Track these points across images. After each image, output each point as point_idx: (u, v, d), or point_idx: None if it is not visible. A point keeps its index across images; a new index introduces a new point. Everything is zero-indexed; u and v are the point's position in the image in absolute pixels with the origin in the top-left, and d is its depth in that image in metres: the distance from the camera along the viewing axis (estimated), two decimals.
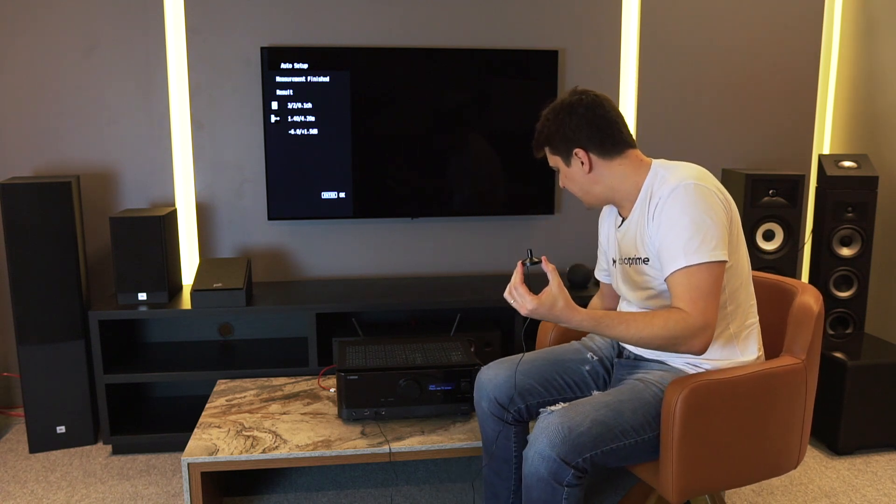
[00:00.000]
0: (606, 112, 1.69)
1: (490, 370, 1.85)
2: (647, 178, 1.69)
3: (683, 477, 1.60)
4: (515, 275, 1.57)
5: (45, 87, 2.75)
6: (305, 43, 2.84)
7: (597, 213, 3.10)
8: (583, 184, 1.74)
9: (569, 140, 1.70)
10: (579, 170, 1.72)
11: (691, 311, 1.53)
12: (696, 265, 1.54)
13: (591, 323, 1.56)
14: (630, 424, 1.59)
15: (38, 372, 2.54)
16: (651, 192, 1.66)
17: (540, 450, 1.52)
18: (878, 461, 2.52)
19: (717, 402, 1.60)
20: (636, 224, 1.70)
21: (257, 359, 2.69)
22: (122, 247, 2.56)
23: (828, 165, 2.76)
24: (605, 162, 1.70)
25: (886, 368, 2.49)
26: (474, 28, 2.92)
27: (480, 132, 2.89)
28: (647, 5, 2.99)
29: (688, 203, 1.56)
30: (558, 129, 1.71)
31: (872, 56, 2.97)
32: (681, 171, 1.63)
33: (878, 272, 2.96)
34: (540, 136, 1.77)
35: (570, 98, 1.71)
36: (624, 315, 1.58)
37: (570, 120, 1.69)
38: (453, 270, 3.08)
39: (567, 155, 1.72)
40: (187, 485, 1.95)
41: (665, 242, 1.59)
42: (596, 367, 1.87)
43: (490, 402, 1.82)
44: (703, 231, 1.55)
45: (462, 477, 2.42)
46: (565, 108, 1.70)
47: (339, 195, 2.85)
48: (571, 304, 1.55)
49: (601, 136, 1.68)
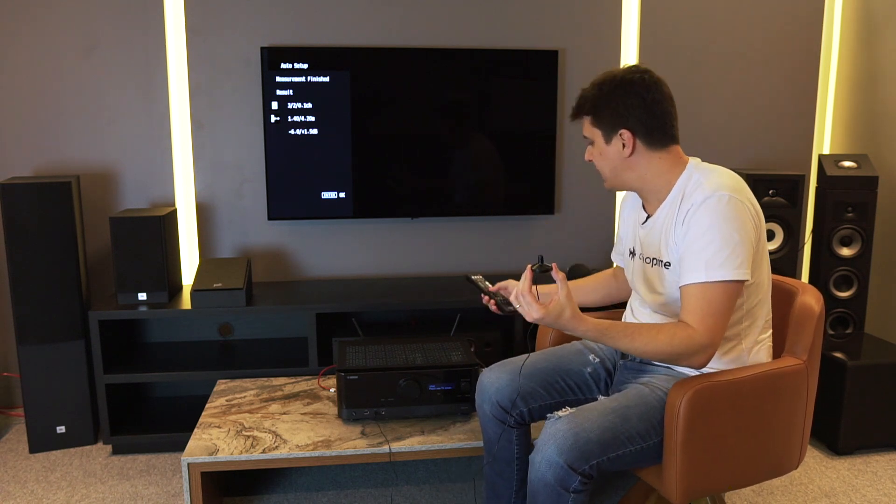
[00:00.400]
0: (664, 99, 1.61)
1: (492, 373, 1.84)
2: (680, 177, 1.63)
3: (687, 479, 1.60)
4: (523, 280, 1.53)
5: (45, 87, 2.75)
6: (305, 43, 2.84)
7: (598, 211, 3.10)
8: (616, 166, 1.67)
9: (618, 117, 1.62)
10: (618, 151, 1.64)
11: (698, 328, 1.52)
12: (715, 282, 1.51)
13: (596, 334, 1.54)
14: (636, 430, 1.58)
15: (38, 372, 2.54)
16: (683, 195, 1.60)
17: (548, 456, 1.51)
18: (878, 461, 2.52)
19: (721, 403, 1.60)
20: (662, 224, 1.65)
21: (257, 359, 2.69)
22: (122, 247, 2.56)
23: (828, 165, 2.76)
24: (647, 151, 1.63)
25: (886, 368, 2.49)
26: (474, 28, 2.92)
27: (480, 132, 2.89)
28: (647, 5, 2.99)
29: (720, 215, 1.52)
30: (609, 103, 1.62)
31: (872, 56, 2.97)
32: (717, 177, 1.58)
33: (878, 272, 2.96)
34: (585, 104, 1.67)
35: (631, 74, 1.61)
36: (629, 327, 1.56)
37: (626, 97, 1.60)
38: (453, 270, 3.08)
39: (610, 132, 1.64)
40: (187, 485, 1.95)
41: (689, 251, 1.55)
42: (598, 369, 1.86)
43: (492, 405, 1.81)
44: (731, 247, 1.51)
45: (462, 477, 2.42)
46: (624, 83, 1.61)
47: (339, 195, 2.85)
48: (578, 314, 1.52)
49: (653, 124, 1.61)
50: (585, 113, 1.68)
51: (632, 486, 2.19)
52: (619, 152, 1.64)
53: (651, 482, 1.68)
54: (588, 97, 1.66)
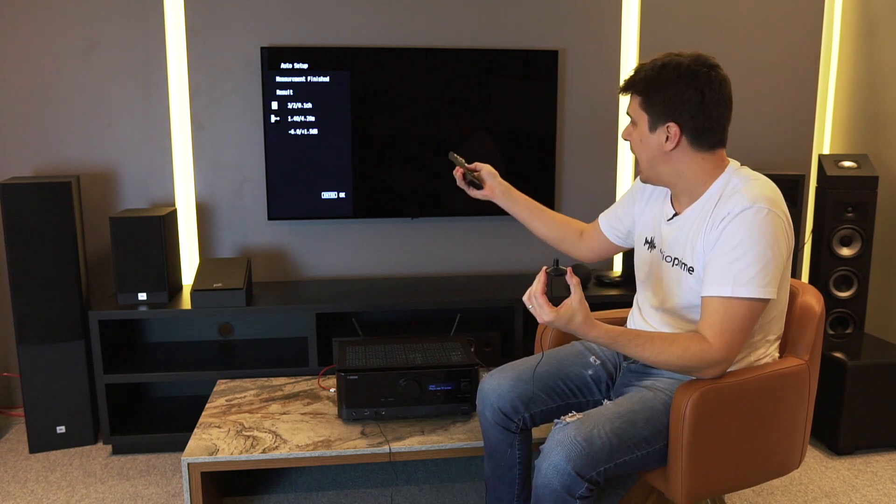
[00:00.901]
0: (724, 101, 1.53)
1: (493, 379, 1.81)
2: (717, 180, 1.57)
3: (692, 481, 1.59)
4: (537, 282, 1.50)
5: (45, 87, 2.75)
6: (305, 43, 2.84)
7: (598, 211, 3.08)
8: (654, 156, 1.60)
9: (671, 108, 1.53)
10: (660, 142, 1.57)
11: (714, 343, 1.49)
12: (740, 298, 1.47)
13: (608, 340, 1.51)
14: (642, 435, 1.57)
15: (38, 372, 2.54)
16: (718, 199, 1.54)
17: (556, 462, 1.49)
18: (878, 461, 2.52)
19: (726, 405, 1.59)
20: (691, 226, 1.59)
21: (257, 359, 2.69)
22: (122, 247, 2.56)
23: (828, 165, 2.76)
24: (690, 150, 1.56)
25: (886, 368, 2.49)
26: (474, 28, 2.92)
27: (480, 132, 2.89)
28: (647, 5, 2.99)
29: (756, 229, 1.46)
30: (667, 90, 1.52)
31: (872, 56, 2.97)
32: (757, 187, 1.51)
33: (878, 272, 2.96)
34: (639, 82, 1.57)
35: (698, 66, 1.52)
36: (641, 335, 1.53)
37: (686, 89, 1.51)
38: (453, 270, 3.08)
39: (658, 120, 1.56)
40: (187, 485, 1.95)
41: (717, 261, 1.50)
42: (598, 371, 1.84)
43: (494, 411, 1.78)
44: (762, 264, 1.46)
45: (462, 477, 2.42)
46: (689, 73, 1.51)
47: (339, 195, 2.85)
48: (590, 319, 1.49)
49: (705, 124, 1.53)
50: (637, 92, 1.58)
51: (631, 487, 2.19)
52: (660, 144, 1.57)
53: (656, 484, 1.68)
54: (645, 77, 1.56)
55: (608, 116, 3.04)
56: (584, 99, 3.01)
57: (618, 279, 2.89)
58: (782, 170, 3.04)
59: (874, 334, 2.91)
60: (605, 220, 1.94)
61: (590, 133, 3.04)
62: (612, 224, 1.92)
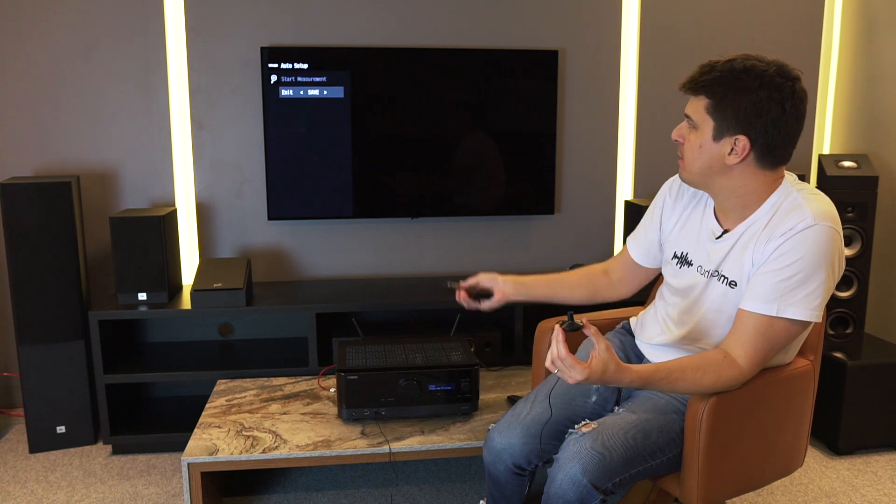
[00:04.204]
0: (800, 118, 1.43)
1: (502, 437, 1.67)
2: (774, 193, 1.46)
3: (708, 486, 1.58)
4: (557, 344, 1.37)
5: (45, 87, 2.75)
6: (305, 43, 2.84)
7: (598, 211, 3.10)
8: (710, 165, 1.46)
9: (745, 119, 1.40)
10: (722, 153, 1.44)
11: (745, 366, 1.44)
12: (784, 318, 1.41)
13: (641, 383, 1.43)
14: (657, 444, 1.55)
15: (38, 372, 2.54)
16: (776, 213, 1.44)
17: (571, 474, 1.46)
18: (878, 461, 2.52)
19: (741, 408, 1.58)
20: (744, 241, 1.48)
21: (257, 359, 2.69)
22: (122, 247, 2.55)
23: (828, 165, 2.76)
24: (755, 167, 1.44)
25: (886, 368, 2.49)
26: (474, 28, 2.92)
27: (480, 132, 2.89)
28: (646, 5, 2.99)
29: (818, 249, 1.38)
30: (743, 100, 1.39)
31: (872, 56, 2.97)
32: (820, 204, 1.42)
33: (878, 272, 2.96)
34: (713, 84, 1.42)
35: (780, 78, 1.41)
36: (673, 372, 1.43)
37: (767, 101, 1.39)
38: (453, 270, 3.07)
39: (726, 130, 1.42)
40: (187, 485, 1.95)
41: (768, 278, 1.41)
42: (602, 392, 1.75)
43: (507, 467, 1.68)
44: (815, 285, 1.39)
45: (462, 477, 2.42)
46: (771, 84, 1.39)
47: (339, 195, 2.85)
48: (621, 365, 1.39)
49: (778, 142, 1.42)
50: (708, 95, 1.43)
51: (631, 486, 2.19)
52: (723, 156, 1.44)
53: (670, 490, 1.66)
54: (720, 78, 1.41)
55: (608, 116, 3.04)
56: (584, 99, 3.01)
57: None
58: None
59: (874, 334, 2.91)
60: (637, 247, 1.78)
61: (590, 133, 3.04)
62: (644, 249, 1.77)
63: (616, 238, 3.13)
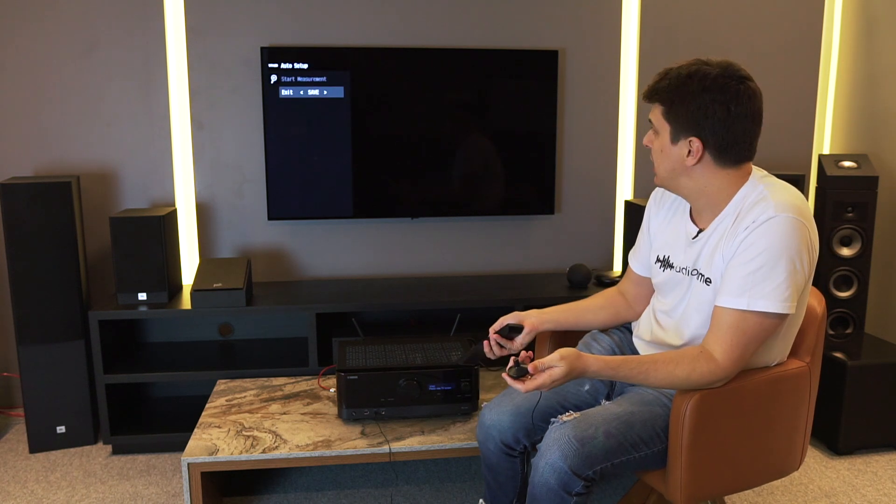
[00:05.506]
0: (751, 117, 1.46)
1: (493, 414, 1.75)
2: (742, 188, 1.50)
3: (692, 483, 1.59)
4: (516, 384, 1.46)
5: (45, 87, 2.75)
6: (305, 43, 2.84)
7: (598, 211, 3.10)
8: (674, 168, 1.52)
9: (694, 122, 1.46)
10: (681, 155, 1.49)
11: (721, 361, 1.45)
12: (755, 311, 1.42)
13: (610, 372, 1.48)
14: (640, 437, 1.56)
15: (38, 372, 2.54)
16: (742, 208, 1.47)
17: (552, 461, 1.49)
18: (878, 461, 2.52)
19: (726, 407, 1.58)
20: (717, 238, 1.52)
21: (257, 359, 2.69)
22: (122, 247, 2.56)
23: (828, 165, 2.76)
24: (714, 166, 1.49)
25: (886, 368, 2.49)
26: (474, 28, 2.92)
27: (480, 132, 2.89)
28: (646, 5, 2.99)
29: (781, 239, 1.40)
30: (690, 102, 1.45)
31: (872, 56, 2.97)
32: (784, 195, 1.45)
33: (878, 272, 2.96)
34: (663, 92, 1.49)
35: (725, 79, 1.45)
36: (643, 363, 1.48)
37: (711, 103, 1.44)
38: (453, 270, 3.08)
39: (680, 133, 1.48)
40: (187, 485, 1.95)
41: (737, 271, 1.44)
42: (595, 384, 1.80)
43: (496, 444, 1.75)
44: (783, 276, 1.40)
45: (462, 477, 2.42)
46: (715, 86, 1.44)
47: (339, 195, 2.85)
48: (582, 357, 1.45)
49: (729, 140, 1.46)
50: (660, 101, 1.50)
51: (631, 487, 2.19)
52: (682, 157, 1.50)
53: (655, 486, 1.67)
54: (669, 86, 1.48)
55: (608, 116, 3.04)
56: (584, 99, 3.01)
57: (617, 279, 2.89)
58: (782, 170, 3.04)
59: (874, 334, 2.91)
60: (636, 261, 1.83)
61: (590, 133, 3.04)
62: (644, 262, 1.80)
63: (616, 238, 3.13)
